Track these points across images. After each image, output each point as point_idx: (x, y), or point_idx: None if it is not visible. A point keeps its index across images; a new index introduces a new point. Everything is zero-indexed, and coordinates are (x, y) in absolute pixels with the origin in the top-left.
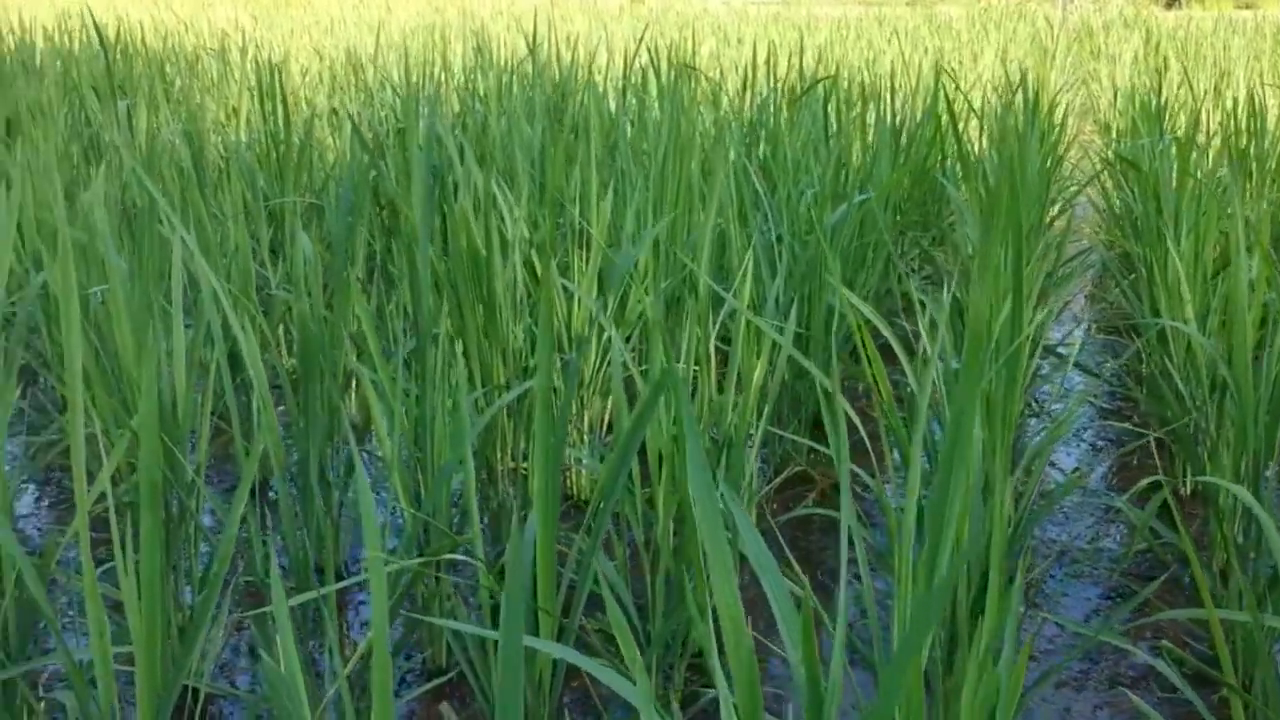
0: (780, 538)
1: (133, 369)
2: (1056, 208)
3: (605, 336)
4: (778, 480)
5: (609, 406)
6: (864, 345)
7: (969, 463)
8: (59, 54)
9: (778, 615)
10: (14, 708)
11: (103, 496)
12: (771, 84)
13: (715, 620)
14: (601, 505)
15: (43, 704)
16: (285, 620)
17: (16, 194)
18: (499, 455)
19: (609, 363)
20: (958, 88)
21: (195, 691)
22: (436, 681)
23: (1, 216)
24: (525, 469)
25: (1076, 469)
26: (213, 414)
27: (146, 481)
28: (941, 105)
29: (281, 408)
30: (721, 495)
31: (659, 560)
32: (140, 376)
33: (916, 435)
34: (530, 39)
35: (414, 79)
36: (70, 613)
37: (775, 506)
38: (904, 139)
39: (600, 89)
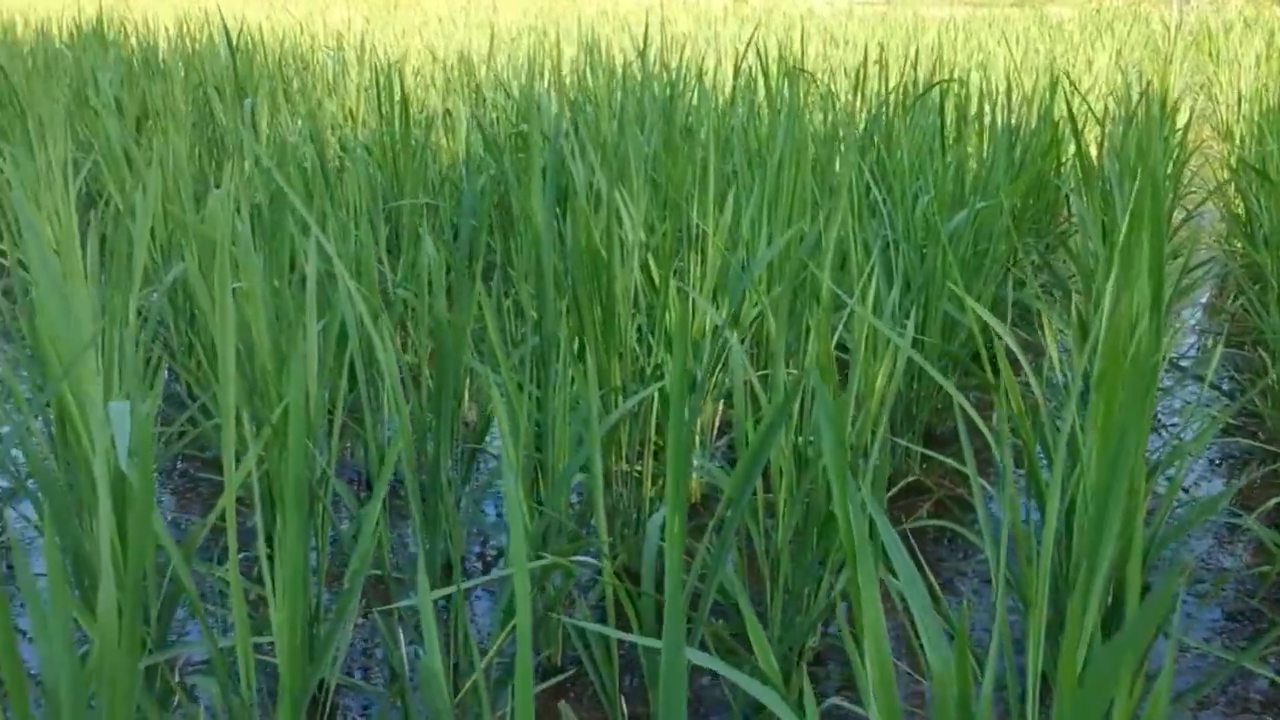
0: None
1: (268, 363)
2: (1180, 216)
3: (721, 341)
4: (894, 490)
5: (718, 410)
6: (986, 355)
7: (1132, 479)
8: (183, 54)
9: (921, 629)
10: (155, 691)
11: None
12: (884, 86)
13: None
14: (729, 514)
15: (180, 689)
16: (429, 615)
17: (152, 191)
18: (614, 458)
19: (720, 368)
20: (1075, 92)
21: (321, 683)
22: (555, 680)
23: (139, 214)
24: (638, 471)
25: (1204, 488)
26: (345, 412)
27: (294, 478)
28: (1059, 110)
29: None
30: (865, 506)
31: (779, 568)
32: (277, 372)
33: (1058, 455)
34: (640, 40)
35: (525, 80)
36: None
37: (891, 516)
38: (1019, 145)
39: (711, 91)
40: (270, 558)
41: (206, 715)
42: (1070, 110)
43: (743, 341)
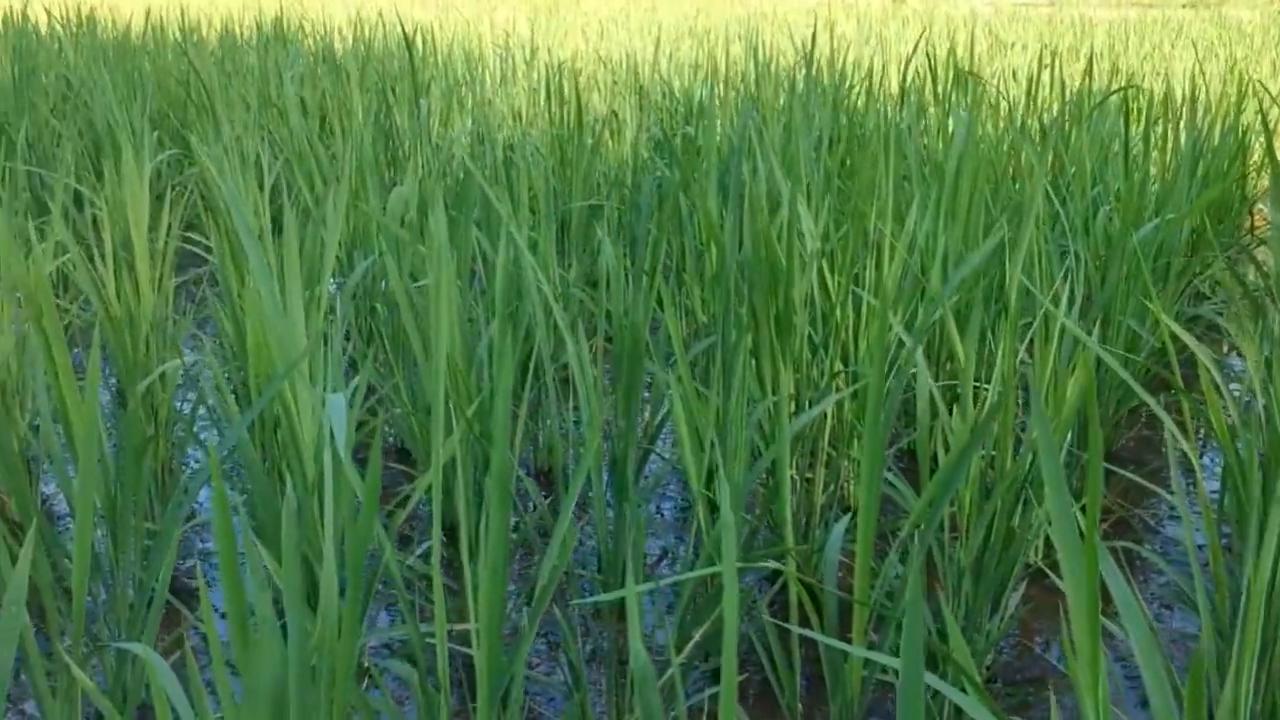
0: None
1: (459, 359)
2: None
3: (900, 351)
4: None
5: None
6: (1164, 371)
7: None
8: (357, 54)
9: (1137, 650)
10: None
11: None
12: (1057, 92)
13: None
14: (918, 534)
15: (370, 673)
16: (635, 611)
17: (343, 188)
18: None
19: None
20: (1266, 94)
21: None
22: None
23: (330, 213)
24: (808, 478)
25: None
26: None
27: (498, 475)
28: (1245, 118)
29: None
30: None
31: (962, 581)
32: (467, 367)
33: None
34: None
35: (689, 83)
36: (386, 590)
37: None
38: (1205, 153)
39: (878, 95)
40: (446, 546)
41: (394, 700)
42: (1264, 117)
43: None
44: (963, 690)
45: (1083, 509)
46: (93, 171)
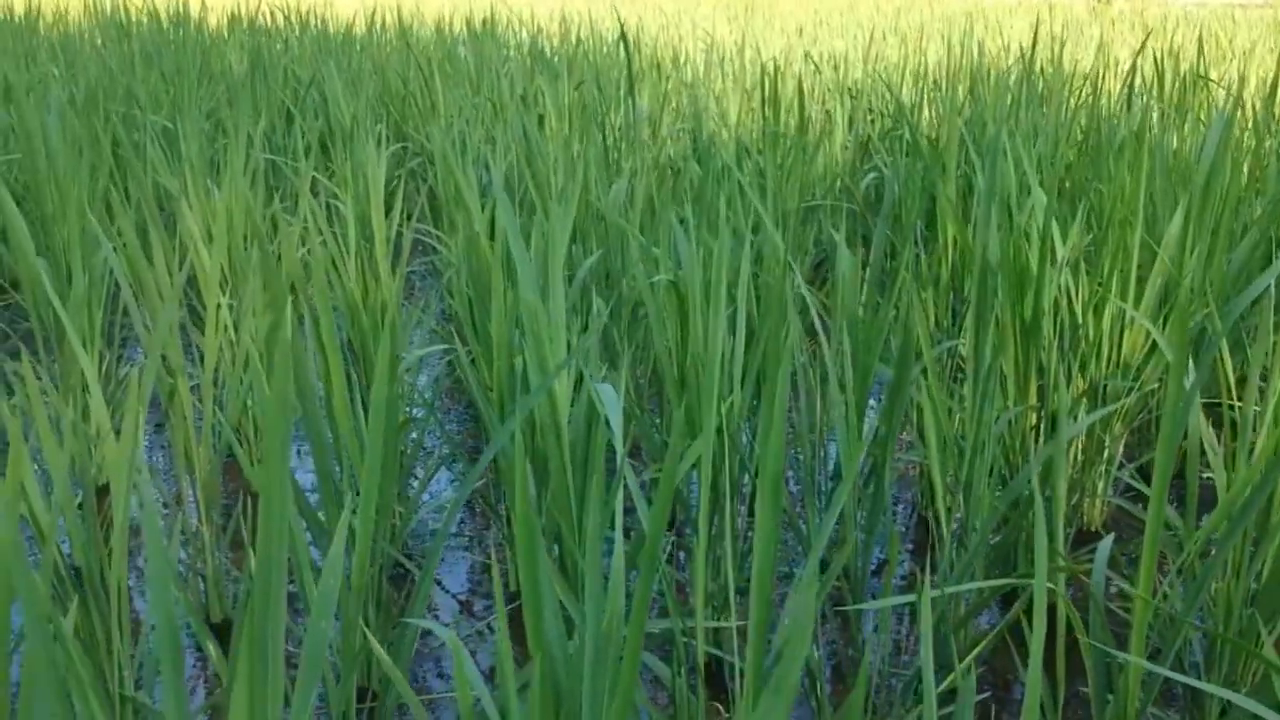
0: None
1: (700, 358)
2: None
3: (1149, 362)
4: None
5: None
6: None
7: None
8: (565, 51)
9: None
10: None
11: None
12: None
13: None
14: (1202, 567)
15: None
16: (927, 614)
17: (576, 183)
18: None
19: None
20: None
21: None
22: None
23: (558, 208)
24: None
25: None
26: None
27: (771, 476)
28: None
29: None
30: None
31: (1228, 620)
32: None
33: None
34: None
35: (898, 81)
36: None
37: None
38: None
39: (1103, 98)
40: (687, 547)
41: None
42: None
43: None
44: None
45: None
46: (320, 162)
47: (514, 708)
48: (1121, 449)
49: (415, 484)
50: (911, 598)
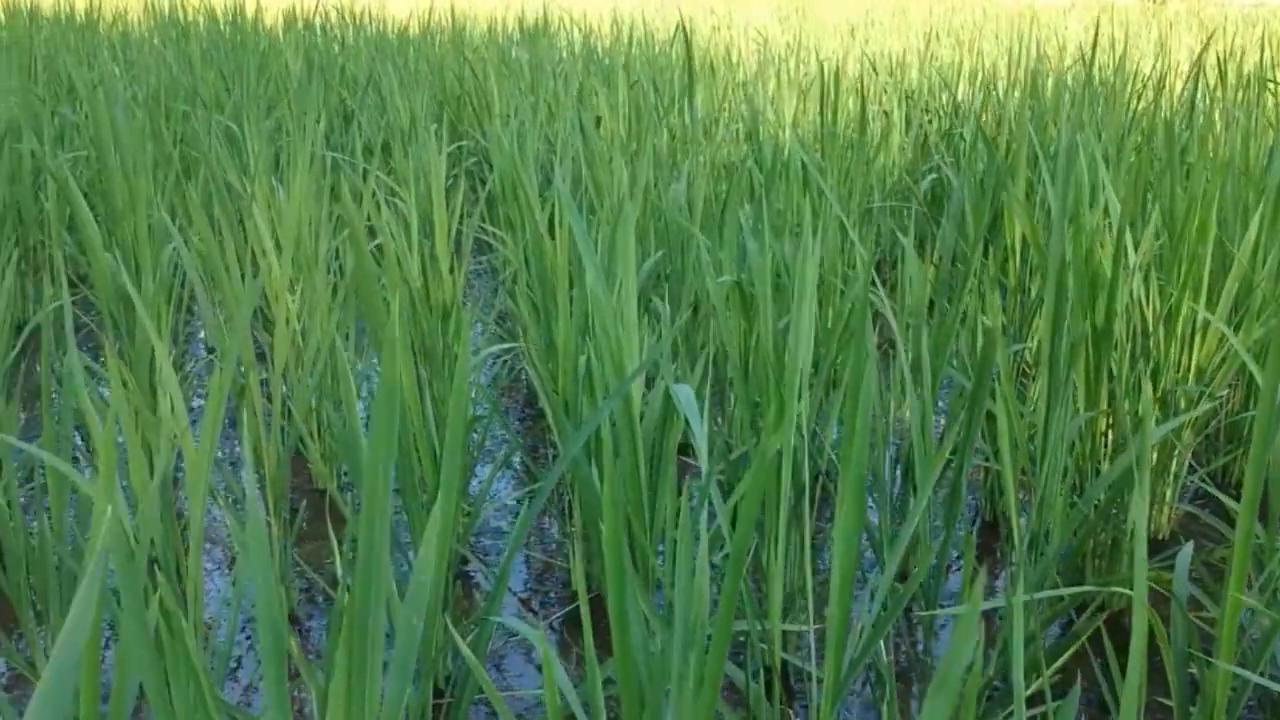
0: None
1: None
2: None
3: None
4: None
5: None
6: None
7: None
8: (619, 53)
9: None
10: None
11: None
12: None
13: None
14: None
15: None
16: (1019, 620)
17: (639, 185)
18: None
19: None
20: None
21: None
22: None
23: (626, 210)
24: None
25: None
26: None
27: (854, 481)
28: None
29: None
30: None
31: None
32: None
33: None
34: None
35: (953, 81)
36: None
37: None
38: None
39: (1165, 100)
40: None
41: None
42: None
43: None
44: None
45: None
46: (378, 160)
47: (600, 707)
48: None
49: (477, 483)
50: (998, 603)
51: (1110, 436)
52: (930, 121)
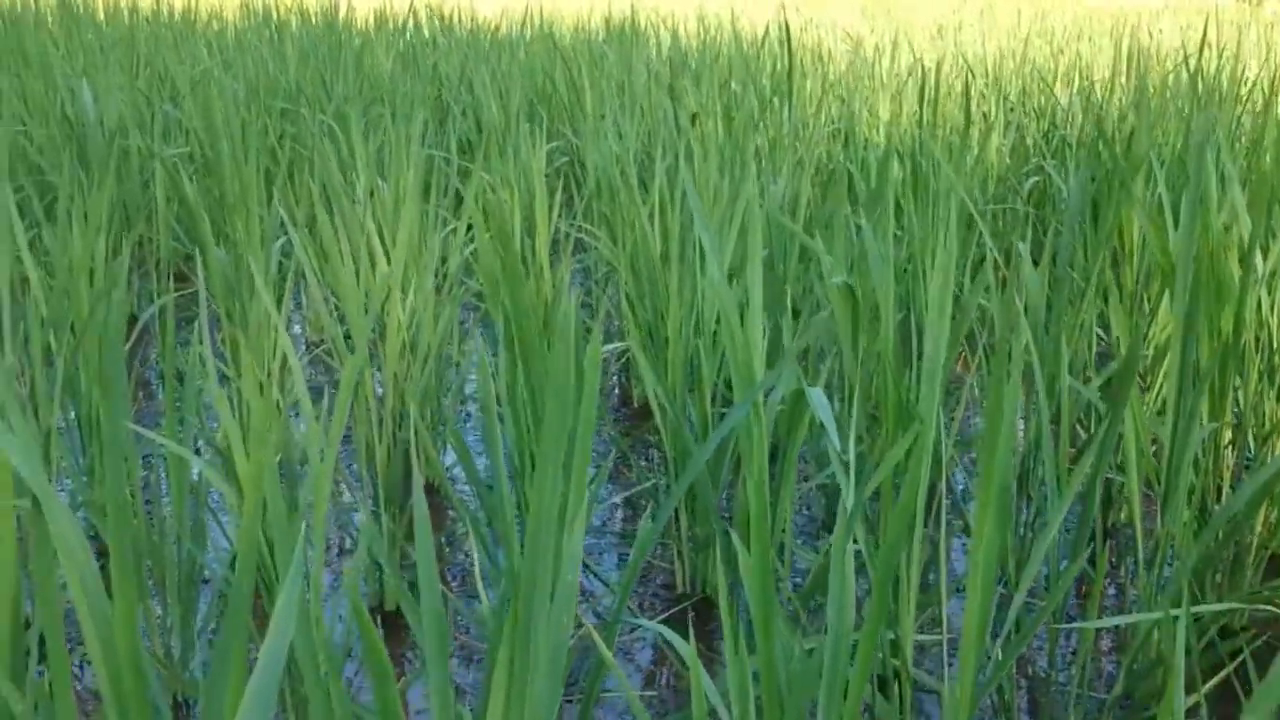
0: None
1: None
2: None
3: None
4: None
5: None
6: None
7: None
8: (709, 53)
9: None
10: None
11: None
12: None
13: None
14: None
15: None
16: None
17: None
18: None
19: None
20: None
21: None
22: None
23: (745, 207)
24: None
25: None
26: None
27: (997, 485)
28: None
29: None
30: None
31: None
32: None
33: None
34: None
35: (1052, 84)
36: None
37: None
38: None
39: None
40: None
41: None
42: None
43: None
44: None
45: None
46: (476, 158)
47: (750, 709)
48: None
49: None
50: (1148, 616)
51: (1234, 449)
52: (1030, 123)
